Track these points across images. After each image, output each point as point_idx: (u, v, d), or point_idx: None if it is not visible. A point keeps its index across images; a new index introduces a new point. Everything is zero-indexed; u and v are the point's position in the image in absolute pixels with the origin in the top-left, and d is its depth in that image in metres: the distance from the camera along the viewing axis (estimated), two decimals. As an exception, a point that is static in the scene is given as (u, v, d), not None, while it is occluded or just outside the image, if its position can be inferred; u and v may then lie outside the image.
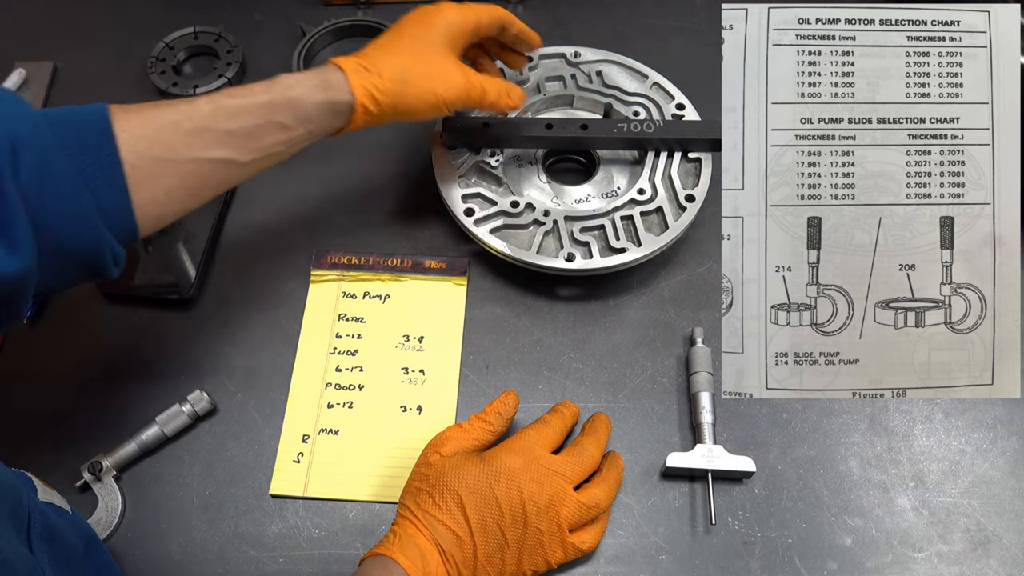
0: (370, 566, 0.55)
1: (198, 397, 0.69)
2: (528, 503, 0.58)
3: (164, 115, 0.56)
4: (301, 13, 0.95)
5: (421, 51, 0.65)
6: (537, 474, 0.59)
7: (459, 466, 0.59)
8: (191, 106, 0.58)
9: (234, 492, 0.67)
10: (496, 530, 0.57)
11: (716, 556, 0.64)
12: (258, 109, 0.59)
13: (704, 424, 0.67)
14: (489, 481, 0.58)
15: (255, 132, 0.59)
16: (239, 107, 0.59)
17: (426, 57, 0.65)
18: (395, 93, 0.63)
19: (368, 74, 0.63)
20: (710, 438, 0.66)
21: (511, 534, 0.57)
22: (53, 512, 0.53)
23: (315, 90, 0.61)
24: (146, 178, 0.55)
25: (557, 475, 0.59)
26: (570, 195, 0.77)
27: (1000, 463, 0.68)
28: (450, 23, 0.67)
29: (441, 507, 0.57)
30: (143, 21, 0.95)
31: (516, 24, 0.73)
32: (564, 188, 0.77)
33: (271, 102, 0.60)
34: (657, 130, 0.74)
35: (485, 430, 0.62)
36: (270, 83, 0.61)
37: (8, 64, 0.91)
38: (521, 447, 0.60)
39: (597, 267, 0.71)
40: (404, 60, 0.64)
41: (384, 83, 0.63)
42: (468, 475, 0.58)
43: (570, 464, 0.61)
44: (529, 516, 0.58)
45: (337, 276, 0.77)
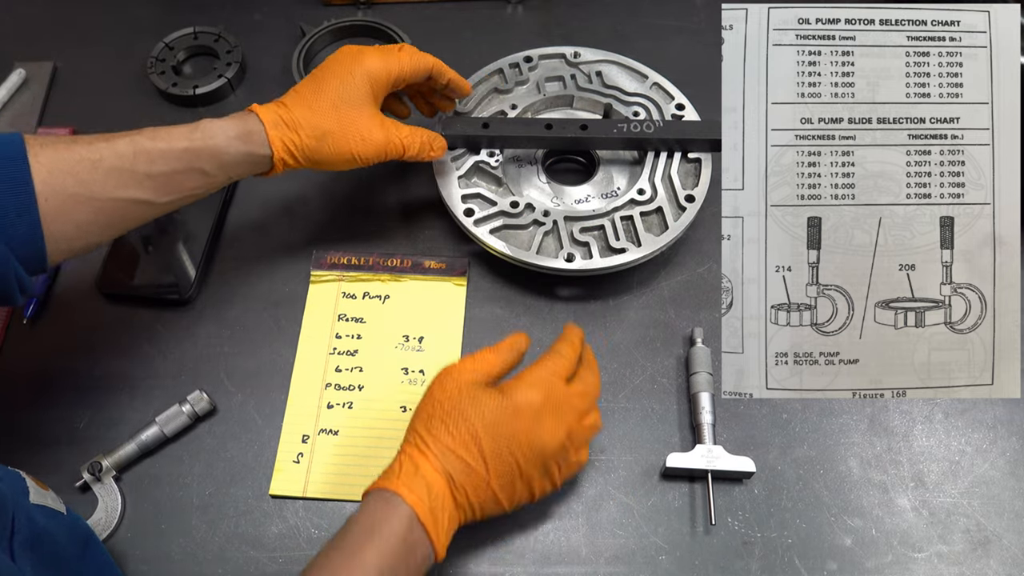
0: (374, 502, 0.54)
1: (198, 397, 0.69)
2: (547, 437, 0.57)
3: (81, 152, 0.57)
4: (301, 13, 0.95)
5: (339, 107, 0.66)
6: (555, 409, 0.58)
7: (477, 397, 0.57)
8: (109, 145, 0.58)
9: (234, 492, 0.67)
10: (511, 461, 0.56)
11: (716, 556, 0.64)
12: (179, 155, 0.60)
13: (704, 424, 0.67)
14: (508, 415, 0.56)
15: (174, 177, 0.60)
16: (160, 152, 0.59)
17: (344, 114, 0.66)
18: (312, 149, 0.65)
19: (286, 129, 0.64)
20: (710, 438, 0.66)
21: (526, 466, 0.57)
22: (43, 515, 0.53)
23: (236, 141, 0.62)
24: (59, 212, 0.55)
25: (572, 409, 0.59)
26: (570, 195, 0.77)
27: (1000, 463, 0.68)
28: (370, 73, 0.67)
29: (455, 436, 0.56)
30: (143, 21, 0.95)
31: (446, 74, 0.72)
32: (564, 188, 0.77)
33: (191, 149, 0.60)
34: (657, 130, 0.74)
35: (500, 363, 0.60)
36: (192, 128, 0.61)
37: (8, 64, 0.91)
38: (540, 380, 0.59)
39: (597, 267, 0.71)
40: (321, 118, 0.65)
41: (301, 140, 0.64)
42: (486, 407, 0.56)
43: (582, 397, 0.60)
44: (547, 449, 0.57)
45: (337, 276, 0.77)
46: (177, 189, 0.61)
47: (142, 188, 0.59)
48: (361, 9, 0.95)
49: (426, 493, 0.54)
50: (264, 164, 0.65)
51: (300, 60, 0.89)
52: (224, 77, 0.88)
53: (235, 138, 0.62)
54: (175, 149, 0.60)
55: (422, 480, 0.54)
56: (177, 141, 0.60)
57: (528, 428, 0.57)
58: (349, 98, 0.66)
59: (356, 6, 0.95)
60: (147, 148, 0.59)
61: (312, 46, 0.91)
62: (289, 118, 0.64)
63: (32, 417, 0.70)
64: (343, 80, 0.66)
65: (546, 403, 0.58)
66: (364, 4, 0.95)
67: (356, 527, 0.53)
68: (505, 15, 0.95)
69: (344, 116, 0.66)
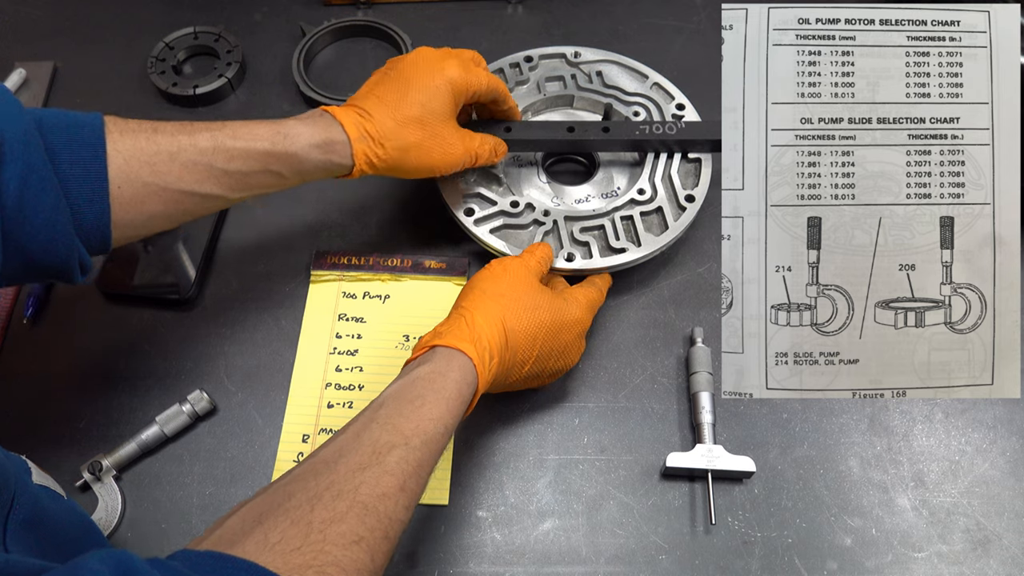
0: (446, 362, 0.56)
1: (198, 397, 0.69)
2: (575, 355, 0.66)
3: (161, 142, 0.57)
4: (301, 13, 0.95)
5: (425, 120, 0.65)
6: (586, 329, 0.67)
7: (537, 293, 0.63)
8: (190, 138, 0.58)
9: (234, 492, 0.67)
10: (545, 363, 0.64)
11: (716, 556, 0.64)
12: (259, 156, 0.60)
13: (704, 424, 0.67)
14: (559, 325, 0.63)
15: (250, 176, 0.60)
16: (240, 151, 0.59)
17: (430, 128, 0.65)
18: (394, 160, 0.65)
19: (371, 143, 0.63)
20: (710, 438, 0.66)
21: (550, 361, 0.64)
22: (47, 496, 0.53)
23: (316, 150, 0.62)
24: (131, 201, 0.55)
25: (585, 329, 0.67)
26: (570, 195, 0.77)
27: (1000, 463, 0.68)
28: (453, 84, 0.66)
29: (513, 314, 0.61)
30: (143, 21, 0.95)
31: (508, 101, 0.73)
32: (564, 188, 0.77)
33: (272, 152, 0.60)
34: (679, 132, 0.74)
35: (541, 266, 0.67)
36: (274, 129, 0.61)
37: (8, 64, 0.91)
38: (589, 304, 0.67)
39: (597, 267, 0.71)
40: (407, 132, 0.64)
41: (386, 152, 0.64)
42: (542, 310, 0.62)
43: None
44: (568, 364, 0.66)
45: (337, 276, 0.77)
46: (251, 187, 0.61)
47: (217, 184, 0.59)
48: (361, 9, 0.95)
49: (484, 352, 0.58)
50: (342, 171, 0.64)
51: (300, 60, 0.89)
52: (224, 77, 0.88)
53: (316, 146, 0.61)
54: (255, 150, 0.59)
55: (481, 341, 0.58)
56: (259, 142, 0.60)
57: (567, 340, 0.64)
58: (434, 110, 0.65)
59: (356, 6, 0.95)
60: (227, 146, 0.59)
61: (312, 46, 0.91)
62: (374, 130, 0.63)
63: (32, 417, 0.70)
64: (428, 90, 0.65)
65: (585, 324, 0.66)
66: (364, 4, 0.95)
67: (423, 382, 0.54)
68: (505, 15, 0.95)
69: (430, 130, 0.65)
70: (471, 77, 0.67)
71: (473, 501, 0.66)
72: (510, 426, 0.69)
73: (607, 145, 0.76)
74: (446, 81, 0.66)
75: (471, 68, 0.68)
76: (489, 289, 0.62)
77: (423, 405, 0.52)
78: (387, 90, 0.65)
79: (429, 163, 0.66)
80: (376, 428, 0.50)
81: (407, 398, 0.53)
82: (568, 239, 0.72)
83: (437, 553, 0.64)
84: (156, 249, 0.78)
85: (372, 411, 0.52)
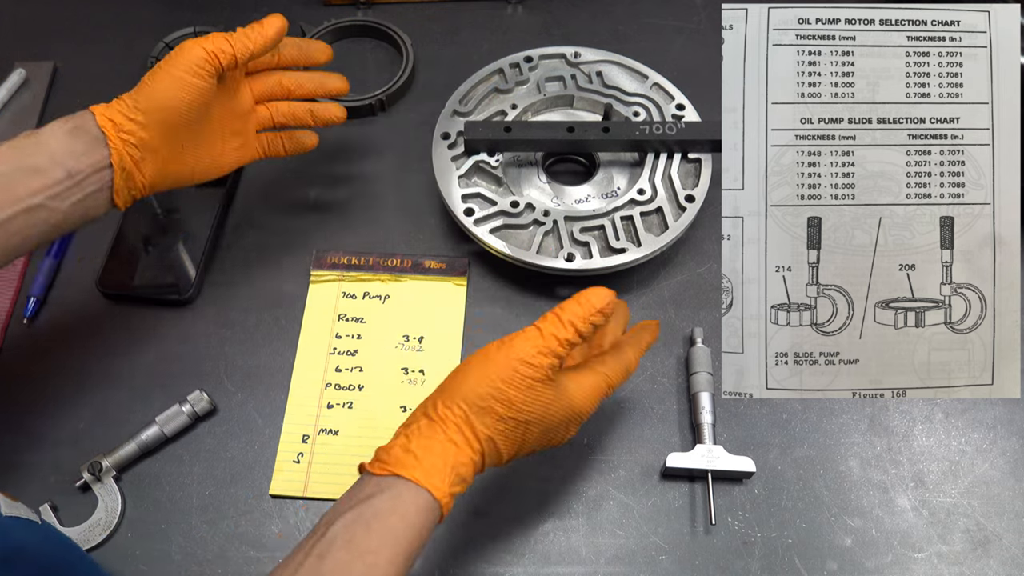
0: (405, 499, 0.49)
1: (198, 397, 0.69)
2: (567, 435, 0.57)
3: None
4: (301, 13, 0.95)
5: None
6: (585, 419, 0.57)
7: (533, 399, 0.52)
8: None
9: (234, 492, 0.67)
10: (539, 447, 0.56)
11: (716, 556, 0.64)
12: (4, 152, 0.56)
13: (704, 424, 0.67)
14: (554, 431, 0.55)
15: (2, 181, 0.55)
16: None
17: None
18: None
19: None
20: (710, 438, 0.66)
21: (544, 446, 0.56)
22: (20, 527, 0.51)
23: (60, 123, 0.58)
24: None
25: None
26: (570, 195, 0.77)
27: (1000, 463, 0.68)
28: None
29: (510, 440, 0.53)
30: (143, 21, 0.95)
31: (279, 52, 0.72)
32: (564, 188, 0.77)
33: (15, 144, 0.56)
34: (679, 132, 0.74)
35: (566, 346, 0.53)
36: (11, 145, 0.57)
37: (8, 64, 0.91)
38: (600, 392, 0.57)
39: (597, 267, 0.71)
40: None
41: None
42: (533, 427, 0.53)
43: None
44: (565, 440, 0.57)
45: (337, 276, 0.77)
46: (9, 198, 0.56)
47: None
48: (361, 9, 0.95)
49: (454, 485, 0.50)
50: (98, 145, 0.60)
51: (300, 60, 0.89)
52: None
53: (59, 123, 0.59)
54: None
55: (448, 473, 0.50)
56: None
57: (562, 436, 0.56)
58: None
59: (356, 6, 0.95)
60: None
61: (312, 46, 0.91)
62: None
63: (32, 417, 0.70)
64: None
65: (586, 417, 0.57)
66: (364, 4, 0.95)
67: (377, 524, 0.48)
68: (505, 15, 0.95)
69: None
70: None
71: (473, 501, 0.66)
72: (510, 426, 0.69)
73: (607, 145, 0.76)
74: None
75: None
76: (471, 394, 0.52)
77: (376, 560, 0.47)
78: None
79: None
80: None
81: (358, 549, 0.47)
82: (568, 239, 0.72)
83: (436, 553, 0.64)
84: (156, 249, 0.78)
85: (318, 559, 0.47)
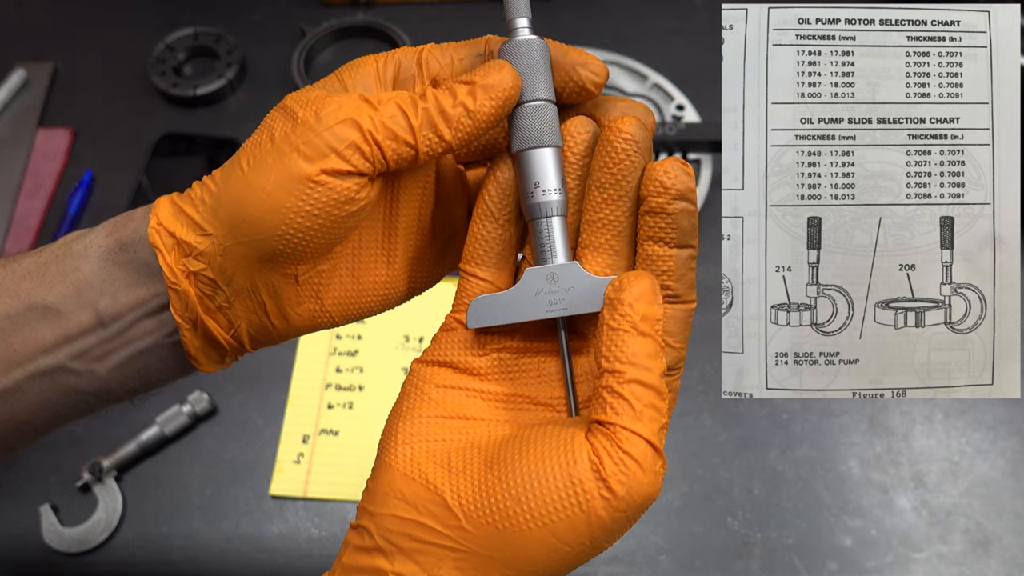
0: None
1: (198, 397, 0.69)
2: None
3: None
4: (301, 14, 0.95)
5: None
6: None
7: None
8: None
9: (234, 493, 0.67)
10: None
11: (716, 556, 0.64)
12: (16, 281, 0.36)
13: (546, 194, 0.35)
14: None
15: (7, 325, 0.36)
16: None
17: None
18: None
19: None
20: (562, 251, 0.36)
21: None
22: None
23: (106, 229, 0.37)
24: None
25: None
26: (570, 195, 0.77)
27: (1000, 463, 0.68)
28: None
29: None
30: (143, 21, 0.95)
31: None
32: (564, 188, 0.77)
33: (41, 259, 0.36)
34: (679, 132, 0.74)
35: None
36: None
37: (8, 64, 0.91)
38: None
39: (597, 267, 0.70)
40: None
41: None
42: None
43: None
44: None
45: (337, 276, 0.77)
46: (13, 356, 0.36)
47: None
48: (361, 10, 0.95)
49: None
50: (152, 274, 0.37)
51: (300, 61, 0.89)
52: (225, 78, 0.88)
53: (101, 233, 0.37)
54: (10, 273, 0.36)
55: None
56: (18, 262, 0.37)
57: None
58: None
59: (356, 7, 0.96)
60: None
61: (312, 47, 0.91)
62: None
63: (32, 417, 0.70)
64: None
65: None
66: (364, 5, 0.95)
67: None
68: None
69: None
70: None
71: (473, 501, 0.66)
72: (510, 426, 0.69)
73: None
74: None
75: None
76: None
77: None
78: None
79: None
80: None
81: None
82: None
83: (437, 553, 0.64)
84: (156, 249, 0.77)
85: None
